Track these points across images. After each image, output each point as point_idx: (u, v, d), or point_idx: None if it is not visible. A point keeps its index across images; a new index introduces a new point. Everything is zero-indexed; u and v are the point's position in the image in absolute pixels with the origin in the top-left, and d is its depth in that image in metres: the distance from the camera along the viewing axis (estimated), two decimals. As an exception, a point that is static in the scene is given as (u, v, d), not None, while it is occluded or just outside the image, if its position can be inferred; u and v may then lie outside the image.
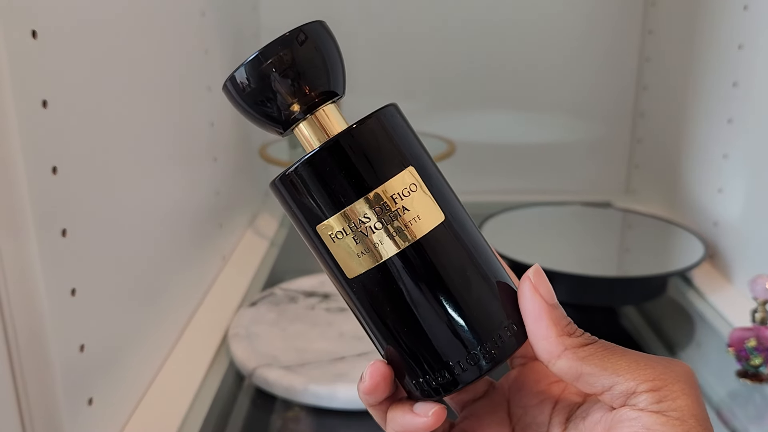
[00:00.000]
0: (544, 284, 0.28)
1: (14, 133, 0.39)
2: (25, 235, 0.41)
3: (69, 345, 0.45)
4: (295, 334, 0.66)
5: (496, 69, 1.07)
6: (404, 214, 0.27)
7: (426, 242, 0.27)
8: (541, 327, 0.27)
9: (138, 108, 0.58)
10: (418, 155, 0.28)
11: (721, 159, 0.82)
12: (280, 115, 0.29)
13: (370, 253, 0.27)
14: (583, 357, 0.26)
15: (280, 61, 0.28)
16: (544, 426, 0.30)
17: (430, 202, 0.28)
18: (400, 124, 0.29)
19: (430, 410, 0.28)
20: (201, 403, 0.59)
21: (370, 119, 0.27)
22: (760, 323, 0.61)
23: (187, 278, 0.71)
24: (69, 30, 0.45)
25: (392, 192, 0.27)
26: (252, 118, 0.29)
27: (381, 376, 0.28)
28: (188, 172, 0.72)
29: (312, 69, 0.28)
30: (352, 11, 1.04)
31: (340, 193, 0.27)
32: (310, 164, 0.27)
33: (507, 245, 0.78)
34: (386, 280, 0.27)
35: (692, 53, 0.90)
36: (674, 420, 0.25)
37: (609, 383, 0.26)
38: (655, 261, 0.81)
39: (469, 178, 1.11)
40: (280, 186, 0.28)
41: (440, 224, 0.27)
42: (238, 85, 0.28)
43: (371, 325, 0.29)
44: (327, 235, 0.27)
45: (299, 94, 0.28)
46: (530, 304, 0.27)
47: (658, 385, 0.25)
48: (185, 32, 0.71)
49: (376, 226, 0.27)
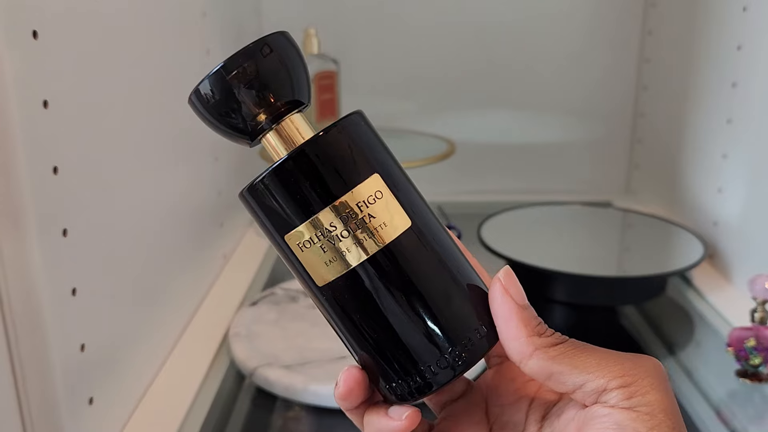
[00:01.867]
0: (514, 285, 0.28)
1: (15, 133, 0.39)
2: (25, 235, 0.41)
3: (69, 345, 0.45)
4: (295, 334, 0.66)
5: (496, 69, 1.07)
6: (371, 221, 0.27)
7: (394, 248, 0.27)
8: (511, 328, 0.27)
9: (139, 108, 0.58)
10: (384, 162, 0.28)
11: (720, 159, 0.82)
12: (246, 126, 0.29)
13: (338, 260, 0.27)
14: (553, 356, 0.27)
15: (243, 72, 0.28)
16: (521, 425, 0.30)
17: (397, 208, 0.28)
18: (364, 131, 0.29)
19: (404, 414, 0.28)
20: (201, 403, 0.59)
21: (334, 128, 0.28)
22: (760, 323, 0.61)
23: (187, 278, 0.71)
24: (69, 30, 0.46)
25: (358, 200, 0.27)
26: (218, 130, 0.29)
27: (355, 382, 0.29)
28: (189, 171, 0.72)
29: (276, 79, 0.29)
30: (352, 11, 1.04)
31: (306, 202, 0.27)
32: (275, 174, 0.27)
33: (507, 245, 0.78)
34: (355, 287, 0.28)
35: (692, 54, 0.90)
36: (644, 415, 0.25)
37: (580, 381, 0.26)
38: (654, 261, 0.81)
39: (469, 178, 1.11)
40: (248, 196, 0.28)
41: (407, 230, 0.28)
42: (203, 97, 0.28)
43: (343, 331, 0.29)
44: (295, 244, 0.28)
45: (264, 105, 0.28)
46: (500, 306, 0.28)
47: (628, 381, 0.26)
48: (186, 32, 0.71)
49: (342, 234, 0.27)
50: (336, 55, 0.91)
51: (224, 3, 0.85)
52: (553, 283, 0.76)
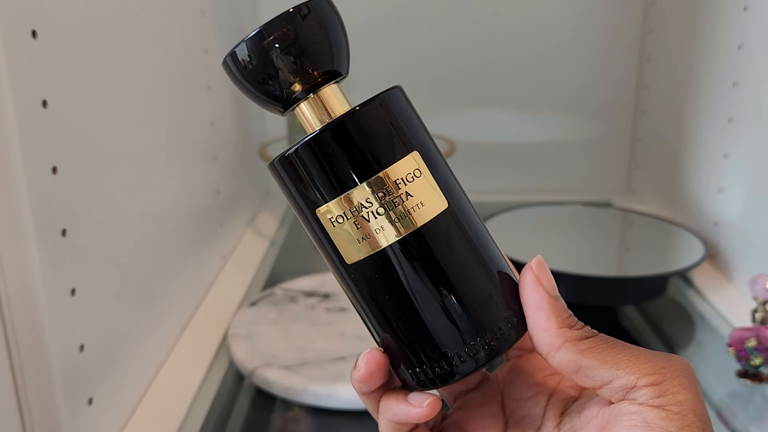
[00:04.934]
0: (546, 275, 0.27)
1: (14, 133, 0.39)
2: (25, 235, 0.41)
3: (69, 345, 0.45)
4: (295, 334, 0.66)
5: (496, 68, 1.07)
6: (407, 200, 0.26)
7: (427, 230, 0.26)
8: (541, 318, 0.27)
9: (138, 107, 0.58)
10: (423, 140, 0.28)
11: (721, 159, 0.82)
12: (281, 93, 0.28)
13: (370, 239, 0.26)
14: (583, 350, 0.26)
15: (282, 37, 0.26)
16: (538, 419, 0.30)
17: (434, 188, 0.27)
18: (405, 107, 0.28)
19: (425, 401, 0.27)
20: (201, 403, 0.59)
21: (374, 101, 0.27)
22: (760, 323, 0.61)
23: (187, 278, 0.71)
24: (69, 30, 0.45)
25: (395, 177, 0.26)
26: (252, 95, 0.28)
27: (376, 365, 0.28)
28: (188, 171, 0.72)
29: (315, 47, 0.27)
30: (353, 9, 1.03)
31: (341, 176, 0.26)
32: (310, 146, 0.26)
33: (507, 245, 0.78)
34: (385, 268, 0.27)
35: (693, 53, 0.90)
36: (674, 414, 0.25)
37: (609, 377, 0.26)
38: (655, 261, 0.81)
39: (469, 177, 1.10)
40: (279, 167, 0.27)
41: (443, 212, 0.27)
42: (240, 61, 0.27)
43: (368, 312, 0.28)
44: (327, 219, 0.27)
45: (301, 73, 0.27)
46: (531, 295, 0.27)
47: (659, 380, 0.25)
48: (185, 31, 0.71)
49: (377, 211, 0.26)
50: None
51: (223, 2, 0.85)
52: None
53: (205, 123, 0.77)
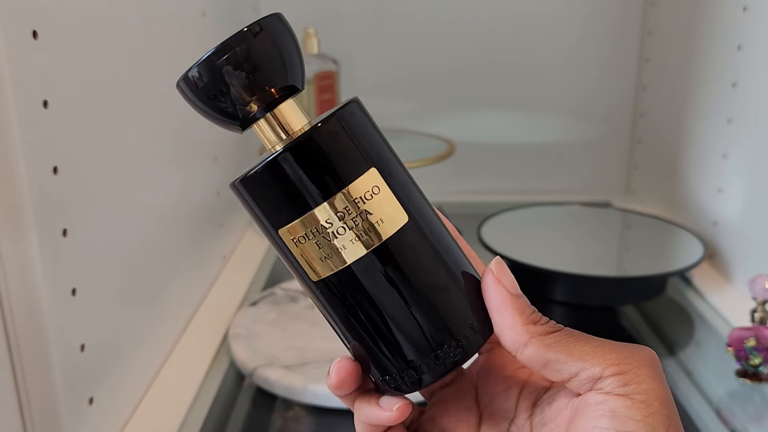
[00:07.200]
0: (506, 275, 0.28)
1: (15, 133, 0.39)
2: (25, 235, 0.41)
3: (69, 345, 0.45)
4: (295, 334, 0.66)
5: (496, 69, 1.07)
6: (368, 217, 0.26)
7: (390, 244, 0.27)
8: (506, 317, 0.27)
9: (138, 108, 0.58)
10: (382, 154, 0.28)
11: (720, 159, 0.82)
12: (237, 112, 0.27)
13: (334, 257, 0.27)
14: (549, 344, 0.27)
15: (235, 57, 0.26)
16: (511, 412, 0.30)
17: (394, 203, 0.27)
18: (362, 122, 0.28)
19: (395, 405, 0.28)
20: (201, 403, 0.59)
21: (332, 119, 0.26)
22: (760, 323, 0.61)
23: (187, 278, 0.71)
24: (69, 30, 0.45)
25: (355, 195, 0.26)
26: (208, 116, 0.28)
27: (347, 373, 0.29)
28: (189, 171, 0.72)
29: (269, 64, 0.27)
30: (352, 11, 1.04)
31: (301, 198, 0.26)
32: (269, 168, 0.26)
33: (507, 245, 0.78)
34: (350, 284, 0.27)
35: (692, 54, 0.90)
36: (639, 403, 0.25)
37: (575, 369, 0.26)
38: (654, 261, 0.81)
39: (469, 178, 1.11)
40: (240, 188, 0.27)
41: (404, 226, 0.27)
42: (192, 83, 0.27)
43: (337, 324, 0.29)
44: (290, 239, 0.27)
45: (257, 91, 0.27)
46: (494, 296, 0.28)
47: (624, 369, 0.26)
48: (186, 32, 0.71)
49: (339, 231, 0.26)
50: (336, 55, 0.91)
51: (224, 3, 0.85)
52: (553, 283, 0.76)
53: (206, 124, 0.77)
